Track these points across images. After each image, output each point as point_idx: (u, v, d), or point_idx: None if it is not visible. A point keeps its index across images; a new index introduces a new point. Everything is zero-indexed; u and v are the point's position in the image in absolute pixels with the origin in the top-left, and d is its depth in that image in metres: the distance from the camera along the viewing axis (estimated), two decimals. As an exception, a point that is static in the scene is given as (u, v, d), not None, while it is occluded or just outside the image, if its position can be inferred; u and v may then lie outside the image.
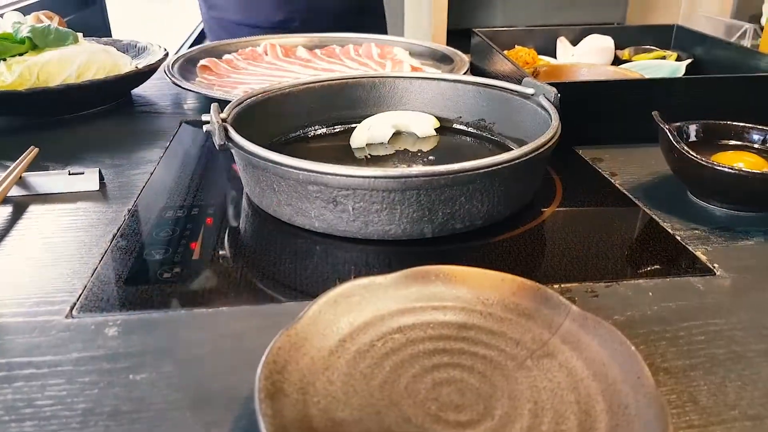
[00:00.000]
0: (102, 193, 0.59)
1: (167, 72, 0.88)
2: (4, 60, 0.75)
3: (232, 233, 0.52)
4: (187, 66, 0.98)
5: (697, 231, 0.51)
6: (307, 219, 0.51)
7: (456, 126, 0.72)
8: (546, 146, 0.51)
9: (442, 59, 1.04)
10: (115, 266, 0.47)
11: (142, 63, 0.94)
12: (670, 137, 0.54)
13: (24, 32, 0.77)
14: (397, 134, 0.72)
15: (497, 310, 0.37)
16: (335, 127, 0.73)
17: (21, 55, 0.77)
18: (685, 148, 0.53)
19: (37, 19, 0.87)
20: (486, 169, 0.47)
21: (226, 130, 0.53)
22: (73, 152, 0.69)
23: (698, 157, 0.52)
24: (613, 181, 0.61)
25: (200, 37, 2.78)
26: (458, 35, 2.16)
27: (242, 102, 0.61)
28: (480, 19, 2.30)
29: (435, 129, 0.72)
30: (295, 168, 0.47)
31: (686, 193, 0.58)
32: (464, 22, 2.27)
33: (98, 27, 1.89)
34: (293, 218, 0.52)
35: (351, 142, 0.68)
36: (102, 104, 0.83)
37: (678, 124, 0.59)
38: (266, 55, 1.08)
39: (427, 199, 0.48)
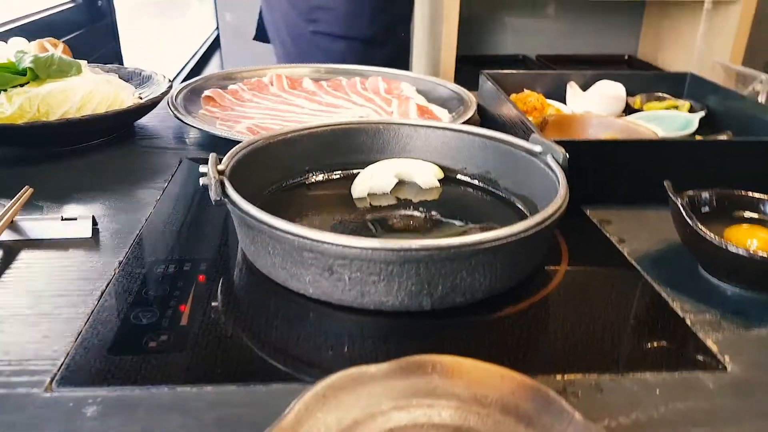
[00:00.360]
0: (94, 240, 0.57)
1: (170, 104, 0.87)
2: (5, 90, 0.74)
3: (223, 294, 0.50)
4: (191, 97, 0.97)
5: (708, 314, 0.49)
6: (302, 284, 0.49)
7: (460, 177, 0.71)
8: (553, 218, 0.49)
9: (450, 98, 1.02)
10: (100, 331, 0.45)
11: (145, 93, 0.93)
12: (683, 213, 0.52)
13: (26, 62, 0.76)
14: (400, 182, 0.70)
15: (495, 411, 0.35)
16: (337, 173, 0.71)
17: (22, 86, 0.76)
18: (698, 225, 0.51)
19: (42, 47, 0.86)
20: (490, 244, 0.45)
21: (222, 185, 0.51)
22: (68, 191, 0.67)
23: (711, 236, 0.50)
24: (621, 248, 0.59)
25: (211, 48, 2.78)
26: (467, 61, 2.15)
27: (241, 150, 0.60)
28: (489, 45, 2.29)
29: (439, 179, 0.70)
30: (291, 234, 0.45)
31: (697, 266, 0.56)
32: (474, 49, 2.27)
33: (107, 42, 1.89)
34: (287, 282, 0.50)
35: (352, 191, 0.67)
36: (102, 137, 0.81)
37: (690, 193, 0.57)
38: (272, 85, 1.07)
39: (427, 272, 0.46)
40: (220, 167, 0.54)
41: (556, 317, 0.49)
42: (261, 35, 1.53)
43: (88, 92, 0.77)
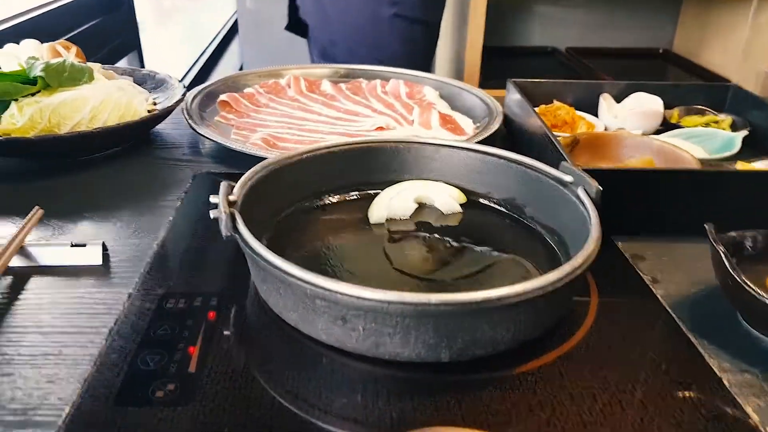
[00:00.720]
0: (105, 267, 0.55)
1: (185, 112, 0.85)
2: (16, 100, 0.72)
3: (233, 335, 0.48)
4: (207, 101, 0.94)
5: (748, 374, 0.46)
6: (314, 329, 0.46)
7: (484, 201, 0.67)
8: (584, 266, 0.46)
9: (474, 105, 0.98)
10: (106, 377, 0.43)
11: (159, 98, 0.90)
12: (725, 262, 0.48)
13: (37, 70, 0.74)
14: (420, 205, 0.67)
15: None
16: (354, 193, 0.68)
17: (33, 94, 0.74)
18: (741, 278, 0.47)
19: (54, 51, 0.84)
20: (514, 299, 0.42)
21: (233, 219, 0.49)
22: (79, 209, 0.65)
23: (755, 289, 0.46)
24: (654, 290, 0.56)
25: (230, 33, 2.75)
26: (493, 53, 2.09)
27: (255, 176, 0.57)
28: (517, 36, 2.22)
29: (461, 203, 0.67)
30: (303, 281, 0.43)
31: (737, 315, 0.52)
32: (501, 39, 2.20)
33: (126, 30, 1.87)
34: (299, 325, 0.47)
35: (369, 216, 0.64)
36: (115, 147, 0.79)
37: (733, 234, 0.54)
38: (289, 88, 1.04)
39: (446, 327, 0.43)
40: (232, 197, 0.52)
41: (582, 374, 0.46)
42: (295, 26, 1.45)
43: (99, 102, 0.75)
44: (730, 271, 0.48)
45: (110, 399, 0.41)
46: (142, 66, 1.98)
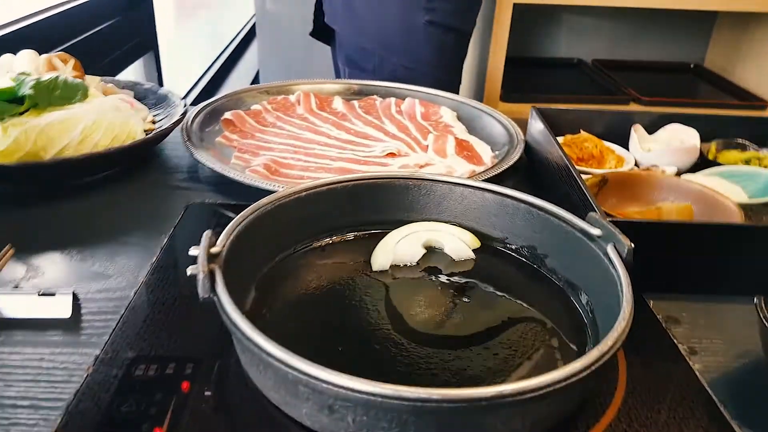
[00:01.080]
0: (74, 321, 0.50)
1: (184, 133, 0.79)
2: (2, 120, 0.67)
3: (207, 413, 0.42)
4: (210, 119, 0.89)
5: (805, 483, 0.39)
6: (298, 414, 0.40)
7: (499, 247, 0.61)
8: (614, 349, 0.39)
9: (493, 129, 0.92)
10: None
11: (160, 115, 0.85)
12: (779, 347, 0.41)
13: (27, 87, 0.69)
14: (429, 249, 0.61)
15: None
16: (359, 232, 0.62)
17: (22, 113, 0.69)
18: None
19: (50, 64, 0.79)
20: (531, 394, 0.36)
21: (212, 278, 0.43)
22: (56, 246, 0.60)
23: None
24: (691, 364, 0.49)
25: (250, 35, 2.71)
26: (516, 63, 2.02)
27: (244, 221, 0.51)
28: (542, 46, 2.14)
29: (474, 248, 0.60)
30: (283, 363, 0.37)
31: (788, 402, 0.45)
32: (526, 50, 2.13)
33: (145, 29, 1.83)
34: (282, 406, 0.41)
35: (372, 263, 0.58)
36: (107, 171, 0.74)
37: (785, 304, 0.47)
38: (299, 105, 0.98)
39: (451, 423, 0.37)
40: (215, 249, 0.46)
41: (609, 475, 0.39)
42: (320, 32, 1.40)
43: (92, 122, 0.70)
44: (785, 358, 0.41)
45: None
46: (158, 67, 1.95)
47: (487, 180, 0.68)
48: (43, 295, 0.50)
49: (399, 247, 0.59)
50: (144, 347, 0.47)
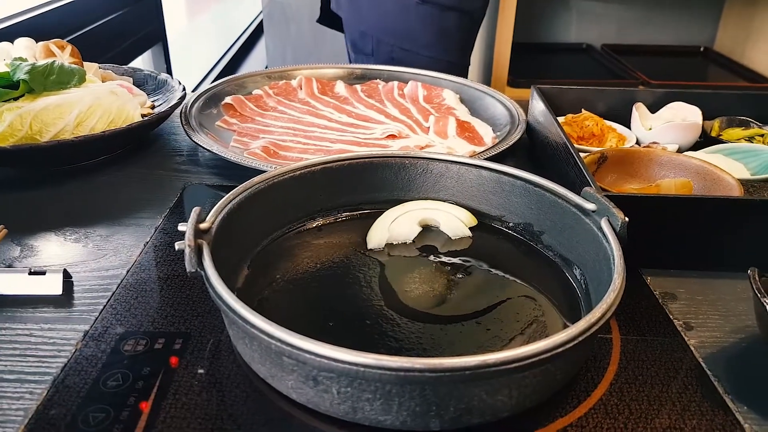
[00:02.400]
0: (66, 298, 0.50)
1: (182, 116, 0.79)
2: (-3, 104, 0.68)
3: (194, 387, 0.42)
4: (211, 104, 0.89)
5: (799, 455, 0.38)
6: (284, 387, 0.40)
7: (496, 225, 0.60)
8: (602, 321, 0.39)
9: (495, 111, 0.91)
10: (40, 439, 0.37)
11: (159, 100, 0.85)
12: (773, 319, 0.40)
13: (22, 72, 0.69)
14: (426, 227, 0.60)
15: None
16: (355, 212, 0.62)
17: (16, 99, 0.69)
18: (794, 340, 0.39)
19: (47, 50, 0.79)
20: (518, 363, 0.35)
21: (200, 252, 0.43)
22: (51, 227, 0.60)
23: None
24: (687, 339, 0.48)
25: (261, 25, 2.71)
26: (525, 49, 2.00)
27: (235, 198, 0.51)
28: (551, 31, 2.12)
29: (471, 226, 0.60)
30: (266, 335, 0.37)
31: (785, 376, 0.44)
32: (534, 35, 2.11)
33: (153, 21, 1.84)
34: (269, 380, 0.41)
35: (368, 241, 0.58)
36: (105, 154, 0.74)
37: (782, 278, 0.46)
38: (300, 90, 0.98)
39: (435, 394, 0.36)
40: (204, 225, 0.46)
41: (598, 448, 0.39)
42: (327, 18, 1.39)
43: (87, 107, 0.70)
44: (780, 330, 0.40)
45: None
46: (167, 59, 1.95)
47: (487, 160, 0.68)
48: (33, 273, 0.50)
49: (395, 226, 0.59)
50: (134, 323, 0.47)
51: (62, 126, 0.68)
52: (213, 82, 0.90)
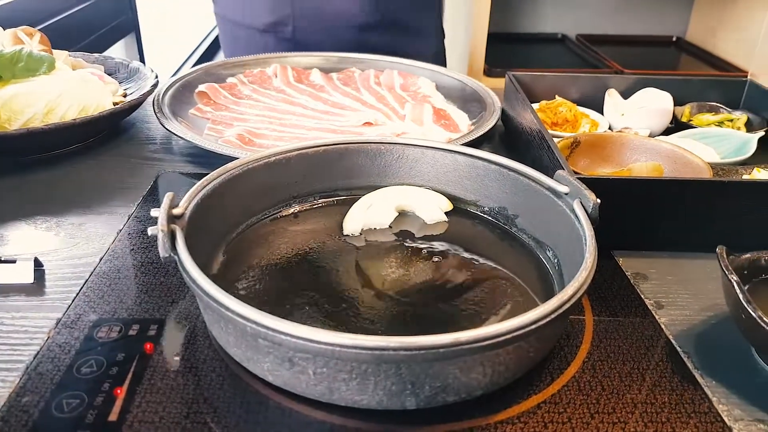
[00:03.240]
0: (37, 287, 0.49)
1: (155, 104, 0.78)
2: (-36, 93, 0.66)
3: (170, 372, 0.42)
4: (184, 92, 0.88)
5: (763, 425, 0.39)
6: (260, 369, 0.40)
7: (472, 210, 0.61)
8: (574, 299, 0.39)
9: (471, 99, 0.91)
10: (12, 427, 0.37)
11: (132, 88, 0.84)
12: (738, 293, 0.41)
13: (-11, 60, 0.68)
14: (402, 213, 0.61)
15: None
16: (331, 198, 0.62)
17: (-16, 87, 0.68)
18: (758, 313, 0.40)
19: (15, 37, 0.77)
20: (490, 341, 0.36)
21: (173, 238, 0.43)
22: (21, 216, 0.59)
23: (774, 329, 0.39)
24: (658, 318, 0.49)
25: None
26: (500, 40, 2.00)
27: (209, 183, 0.51)
28: (526, 22, 2.13)
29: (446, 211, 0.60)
30: (241, 317, 0.37)
31: (751, 350, 0.45)
32: (508, 25, 2.12)
33: (124, 10, 1.81)
34: (245, 363, 0.41)
35: (344, 227, 0.58)
36: (77, 143, 0.73)
37: (748, 256, 0.47)
38: (275, 78, 0.97)
39: (410, 373, 0.37)
40: (177, 210, 0.46)
41: (570, 423, 0.39)
42: None
43: (57, 95, 0.69)
44: (744, 304, 0.41)
45: (13, 455, 0.35)
46: (141, 51, 1.92)
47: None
48: (3, 261, 0.49)
49: (371, 212, 0.59)
50: (108, 310, 0.47)
51: (32, 114, 0.67)
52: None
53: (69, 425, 0.37)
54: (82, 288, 0.49)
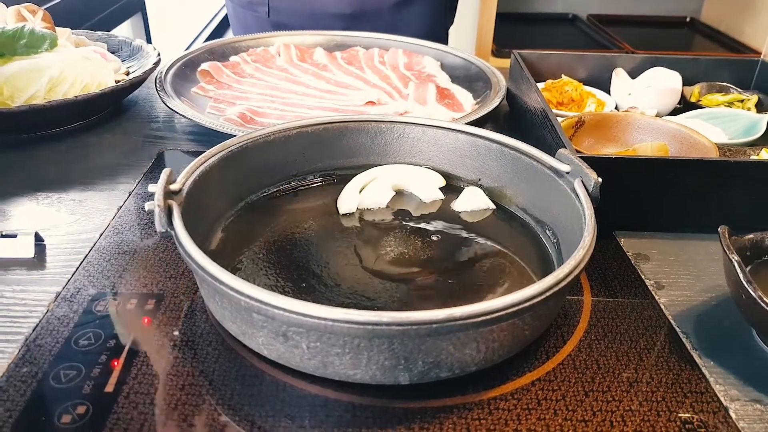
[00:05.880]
0: (38, 260, 0.49)
1: (157, 82, 0.78)
2: (-34, 69, 0.66)
3: (167, 346, 0.42)
4: (187, 71, 0.87)
5: (759, 405, 0.39)
6: (255, 344, 0.40)
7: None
8: (570, 277, 0.39)
9: (477, 78, 0.90)
10: (11, 396, 0.37)
11: (134, 66, 0.84)
12: (739, 273, 0.41)
13: (-8, 36, 0.68)
14: (399, 191, 0.60)
15: None
16: (331, 176, 0.61)
17: (-13, 64, 0.68)
18: (758, 293, 0.40)
19: (18, 15, 0.77)
20: (484, 317, 0.36)
21: (170, 212, 0.43)
22: (23, 192, 0.59)
23: (774, 309, 0.39)
24: (658, 299, 0.49)
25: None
26: (510, 20, 1.98)
27: (207, 160, 0.51)
28: (536, 2, 2.10)
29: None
30: (235, 291, 0.37)
31: (751, 332, 0.45)
32: (520, 5, 2.09)
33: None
34: (240, 337, 0.41)
35: (338, 206, 0.57)
36: (80, 120, 0.73)
37: (751, 236, 0.46)
38: (278, 56, 0.97)
39: (403, 348, 0.37)
40: (175, 186, 0.45)
41: (564, 400, 0.39)
42: None
43: (59, 72, 0.69)
44: (744, 284, 0.40)
45: (6, 425, 0.36)
46: (147, 30, 1.91)
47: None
48: (4, 236, 0.49)
49: (367, 190, 0.58)
50: (106, 285, 0.47)
51: (34, 91, 0.67)
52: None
53: (66, 395, 0.37)
54: (81, 263, 0.49)
